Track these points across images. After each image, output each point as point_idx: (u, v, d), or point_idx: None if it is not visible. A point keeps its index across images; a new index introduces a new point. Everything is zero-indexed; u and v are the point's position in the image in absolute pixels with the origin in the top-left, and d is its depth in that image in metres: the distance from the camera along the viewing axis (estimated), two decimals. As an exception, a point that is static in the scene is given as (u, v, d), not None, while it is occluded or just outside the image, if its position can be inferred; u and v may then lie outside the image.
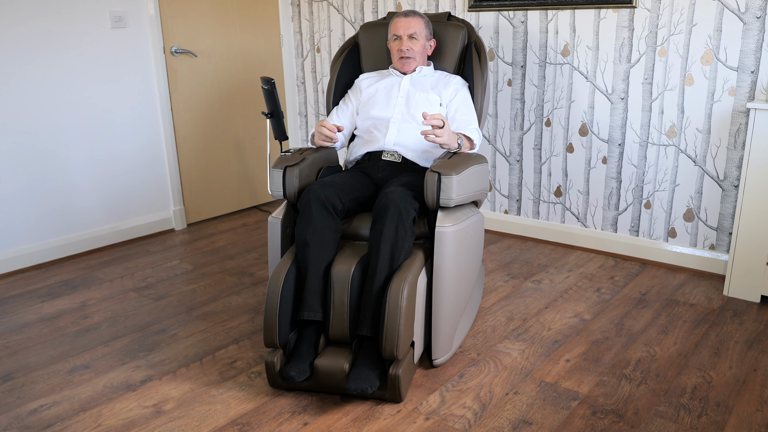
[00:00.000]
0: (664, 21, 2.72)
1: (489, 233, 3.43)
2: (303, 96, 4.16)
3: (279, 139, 2.56)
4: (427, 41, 2.45)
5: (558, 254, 3.11)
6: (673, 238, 2.91)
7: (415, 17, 2.43)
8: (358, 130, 2.46)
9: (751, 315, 2.44)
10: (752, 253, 2.51)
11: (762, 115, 2.39)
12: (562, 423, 1.80)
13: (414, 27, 2.41)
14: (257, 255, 3.19)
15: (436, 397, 1.93)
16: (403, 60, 2.43)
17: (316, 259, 1.96)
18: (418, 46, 2.42)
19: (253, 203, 4.09)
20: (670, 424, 1.78)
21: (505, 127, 3.30)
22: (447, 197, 2.00)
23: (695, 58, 2.68)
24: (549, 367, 2.10)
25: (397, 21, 2.44)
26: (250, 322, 2.45)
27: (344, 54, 2.65)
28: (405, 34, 2.41)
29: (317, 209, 1.99)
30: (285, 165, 2.15)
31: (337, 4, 3.79)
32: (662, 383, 1.99)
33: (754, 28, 2.52)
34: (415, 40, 2.41)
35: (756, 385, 1.97)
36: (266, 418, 1.84)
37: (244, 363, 2.15)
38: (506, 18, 3.16)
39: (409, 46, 2.40)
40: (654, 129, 2.85)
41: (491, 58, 3.25)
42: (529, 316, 2.46)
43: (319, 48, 3.97)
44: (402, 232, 1.94)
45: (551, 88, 3.10)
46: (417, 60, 2.43)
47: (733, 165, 2.69)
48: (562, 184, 3.19)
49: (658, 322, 2.39)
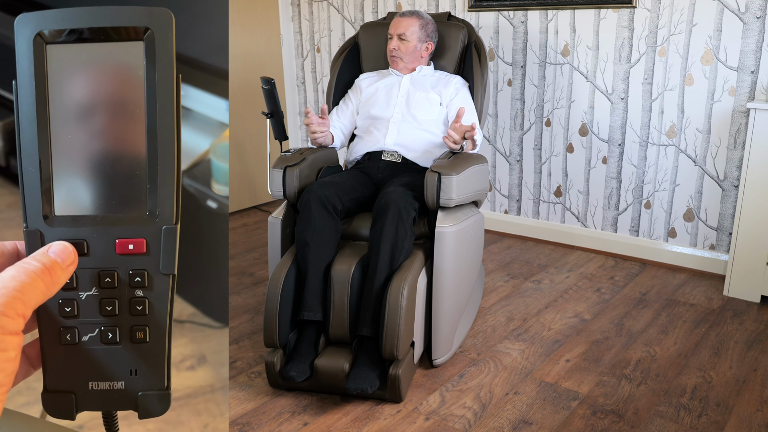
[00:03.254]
0: (664, 21, 2.72)
1: (489, 233, 3.43)
2: (303, 96, 4.15)
3: (279, 139, 2.56)
4: (420, 43, 2.43)
5: (558, 254, 3.11)
6: (673, 238, 2.91)
7: (410, 18, 2.42)
8: (358, 129, 2.46)
9: (751, 315, 2.44)
10: (752, 253, 2.51)
11: (762, 115, 2.39)
12: (562, 423, 1.80)
13: (404, 27, 2.40)
14: (257, 255, 3.19)
15: (436, 397, 1.93)
16: (391, 59, 2.46)
17: (316, 259, 1.96)
18: (406, 47, 2.41)
19: (253, 203, 4.09)
20: (670, 424, 1.78)
21: (505, 127, 3.30)
22: (447, 197, 2.00)
23: (695, 58, 2.68)
24: (549, 367, 2.10)
25: (393, 20, 2.45)
26: (250, 322, 2.45)
27: (344, 54, 2.65)
28: (395, 34, 2.42)
29: (317, 209, 1.99)
30: (285, 165, 2.15)
31: (337, 4, 3.79)
32: (662, 383, 1.99)
33: (754, 28, 2.52)
34: (404, 41, 2.41)
35: (756, 385, 1.97)
36: (266, 418, 1.84)
37: (244, 363, 2.15)
38: (506, 18, 3.16)
39: (396, 46, 2.40)
40: (654, 129, 2.85)
41: (491, 58, 3.25)
42: (529, 316, 2.46)
43: (319, 48, 3.97)
44: (402, 232, 1.94)
45: (551, 88, 3.10)
46: (404, 60, 2.43)
47: (733, 165, 2.69)
48: (562, 184, 3.19)
49: (658, 322, 2.39)
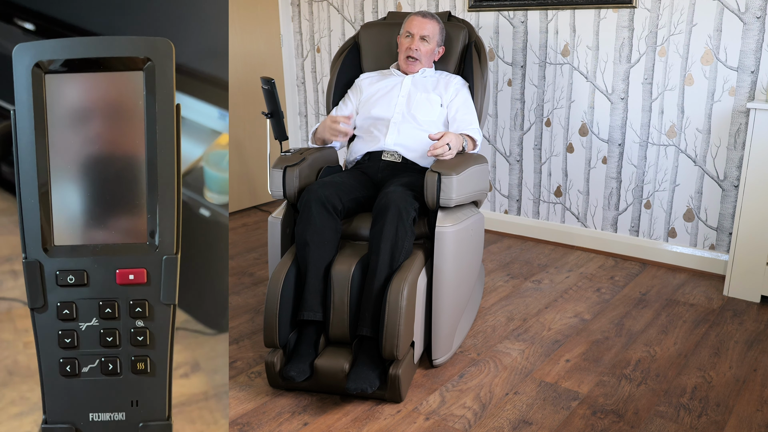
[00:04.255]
0: (664, 21, 2.72)
1: (489, 233, 3.43)
2: (303, 96, 4.16)
3: (279, 139, 2.56)
4: (438, 46, 2.45)
5: (558, 254, 3.11)
6: (673, 238, 2.91)
7: (432, 20, 2.42)
8: (358, 129, 2.46)
9: (751, 315, 2.44)
10: (752, 253, 2.51)
11: (762, 115, 2.39)
12: (562, 423, 1.80)
13: (429, 30, 2.40)
14: (257, 255, 3.19)
15: (436, 397, 1.93)
16: (408, 60, 2.41)
17: (316, 259, 1.96)
18: (426, 49, 2.40)
19: (253, 203, 4.09)
20: (670, 424, 1.78)
21: (505, 127, 3.30)
22: (447, 197, 2.00)
23: (695, 58, 2.68)
24: (549, 367, 2.10)
25: (414, 18, 2.42)
26: (250, 322, 2.45)
27: (344, 54, 2.65)
28: (418, 34, 2.39)
29: (317, 209, 1.99)
30: (285, 165, 2.15)
31: (337, 4, 3.79)
32: (662, 383, 1.99)
33: (754, 28, 2.52)
34: (426, 42, 2.40)
35: (756, 385, 1.97)
36: (266, 418, 1.84)
37: (244, 363, 2.15)
38: (506, 18, 3.16)
39: (418, 47, 2.39)
40: (654, 129, 2.85)
41: (491, 58, 3.25)
42: (529, 316, 2.46)
43: (319, 48, 3.97)
44: (402, 232, 1.94)
45: (551, 88, 3.10)
46: (422, 63, 2.42)
47: (733, 165, 2.69)
48: (562, 184, 3.19)
49: (658, 322, 2.39)
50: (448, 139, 2.07)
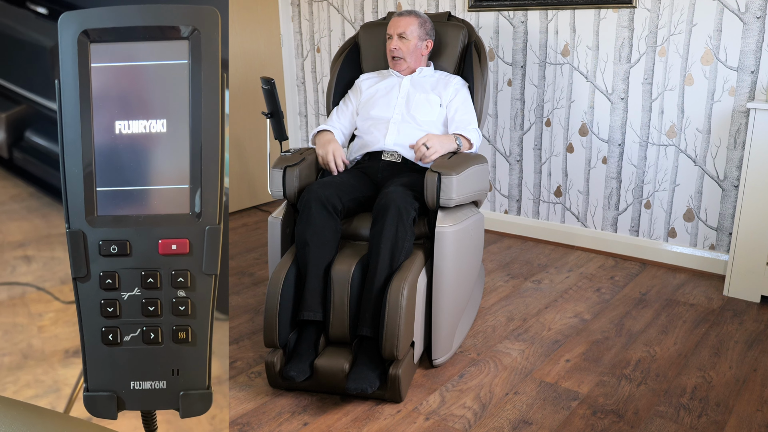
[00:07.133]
0: (664, 21, 2.72)
1: (489, 233, 3.43)
2: (303, 96, 4.16)
3: (279, 139, 2.56)
4: (420, 41, 2.43)
5: (558, 254, 3.11)
6: (673, 238, 2.91)
7: (408, 17, 2.42)
8: (358, 130, 2.46)
9: (751, 315, 2.44)
10: (752, 253, 2.51)
11: (762, 115, 2.39)
12: (562, 423, 1.80)
13: (404, 26, 2.40)
14: (257, 255, 3.19)
15: (436, 397, 1.93)
16: (394, 60, 2.43)
17: (316, 259, 1.96)
18: (407, 46, 2.40)
19: (253, 203, 4.09)
20: (670, 424, 1.78)
21: (505, 127, 3.30)
22: (447, 197, 2.00)
23: (695, 58, 2.68)
24: (549, 367, 2.10)
25: (391, 20, 2.45)
26: (250, 322, 2.45)
27: (344, 54, 2.65)
28: (395, 33, 2.41)
29: (317, 209, 1.99)
30: (285, 165, 2.15)
31: (337, 4, 3.79)
32: (662, 383, 1.99)
33: (754, 28, 2.52)
34: (404, 39, 2.40)
35: (756, 385, 1.97)
36: (266, 418, 1.84)
37: (244, 363, 2.15)
38: (506, 18, 3.16)
39: (397, 46, 2.40)
40: (654, 129, 2.85)
41: (491, 58, 3.25)
42: (529, 316, 2.46)
43: (319, 48, 3.97)
44: (402, 232, 1.94)
45: (551, 88, 3.10)
46: (407, 60, 2.42)
47: (733, 165, 2.69)
48: (562, 184, 3.19)
49: (658, 322, 2.39)
50: (425, 139, 2.12)
